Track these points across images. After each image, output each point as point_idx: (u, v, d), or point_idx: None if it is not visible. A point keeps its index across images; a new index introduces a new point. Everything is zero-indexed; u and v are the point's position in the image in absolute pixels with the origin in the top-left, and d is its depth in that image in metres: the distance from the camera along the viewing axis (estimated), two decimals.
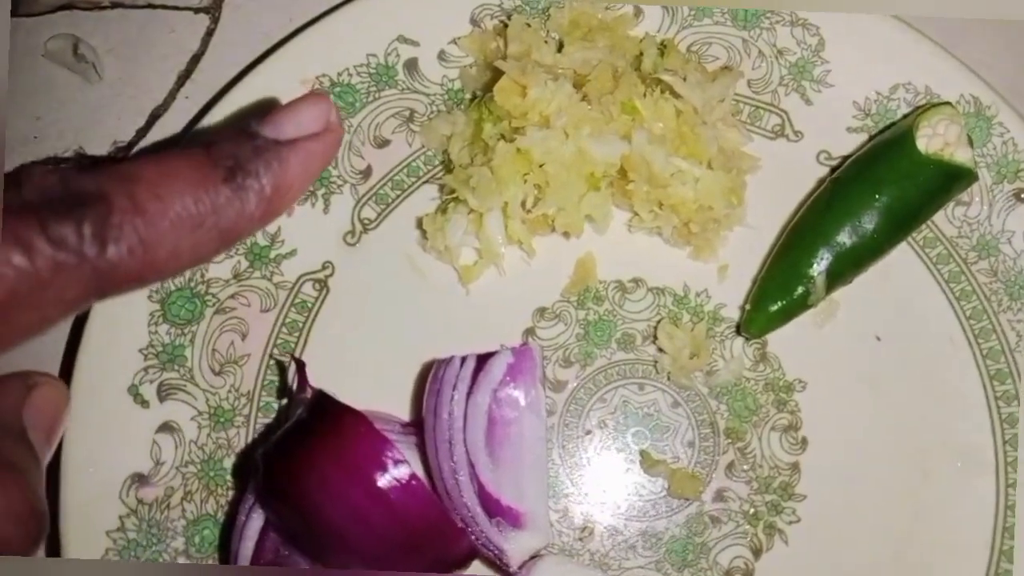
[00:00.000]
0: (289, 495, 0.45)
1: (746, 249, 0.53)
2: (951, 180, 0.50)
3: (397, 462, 0.43)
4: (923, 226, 0.52)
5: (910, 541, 0.49)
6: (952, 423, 0.50)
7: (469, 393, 0.46)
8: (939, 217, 0.52)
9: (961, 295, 0.52)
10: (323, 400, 0.45)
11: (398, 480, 0.43)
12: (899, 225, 0.50)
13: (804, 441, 0.50)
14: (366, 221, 0.53)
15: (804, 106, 0.54)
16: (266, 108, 0.36)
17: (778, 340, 0.51)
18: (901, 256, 0.52)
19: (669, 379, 0.51)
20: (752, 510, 0.49)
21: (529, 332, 0.52)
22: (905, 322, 0.52)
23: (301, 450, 0.45)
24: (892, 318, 0.52)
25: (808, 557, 0.49)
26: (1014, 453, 0.49)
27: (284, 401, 0.50)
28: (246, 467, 0.49)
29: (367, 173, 0.53)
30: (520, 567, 0.46)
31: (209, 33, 0.59)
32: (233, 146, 0.31)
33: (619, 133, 0.50)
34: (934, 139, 0.49)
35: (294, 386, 0.47)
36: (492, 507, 0.45)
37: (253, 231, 0.32)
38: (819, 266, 0.49)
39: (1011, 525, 0.48)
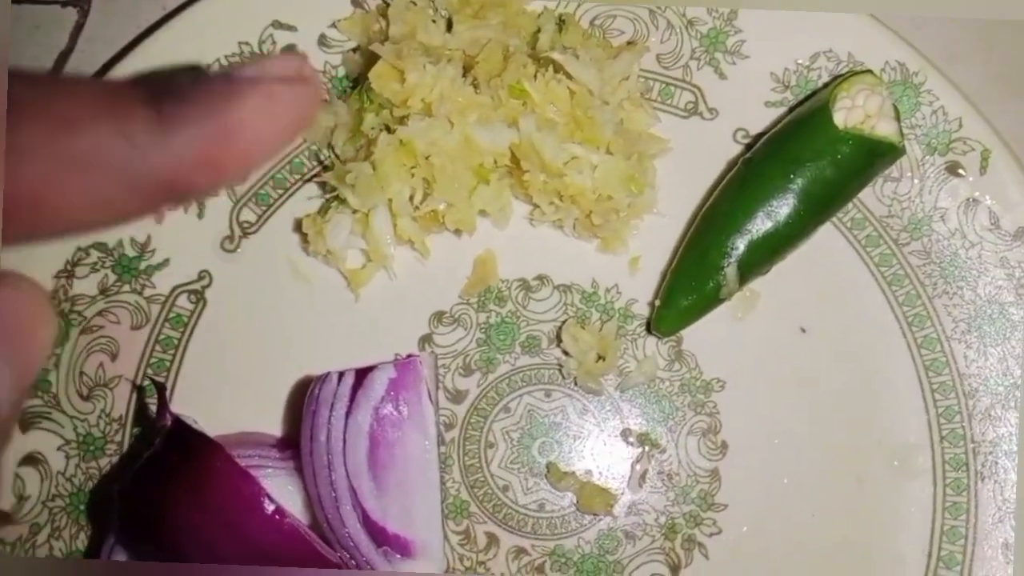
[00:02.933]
0: (149, 536, 0.41)
1: (659, 239, 0.48)
2: (874, 156, 0.45)
3: (260, 499, 0.39)
4: (849, 206, 0.48)
5: (843, 551, 0.45)
6: (886, 420, 0.46)
7: (348, 413, 0.42)
8: (867, 195, 0.48)
9: (893, 280, 0.47)
10: (181, 429, 0.41)
11: (263, 519, 0.39)
12: (818, 208, 0.46)
13: (724, 445, 0.46)
14: (245, 225, 0.49)
15: (718, 81, 0.50)
16: None
17: (694, 337, 0.47)
18: (827, 240, 0.48)
19: (576, 384, 0.47)
20: (669, 523, 0.45)
21: (425, 339, 0.48)
22: (832, 312, 0.48)
23: (159, 486, 0.41)
24: (818, 308, 0.48)
25: (732, 572, 0.45)
26: (952, 450, 0.45)
27: (138, 430, 0.45)
28: (103, 502, 0.45)
29: None
30: None
31: (78, 28, 0.54)
32: (169, 76, 0.24)
33: (508, 119, 0.46)
34: (853, 111, 0.45)
35: (153, 412, 0.43)
36: (378, 536, 0.42)
37: (197, 186, 0.24)
38: (731, 256, 0.45)
39: (949, 529, 0.45)
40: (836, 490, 0.46)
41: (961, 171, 0.47)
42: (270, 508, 0.39)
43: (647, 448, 0.46)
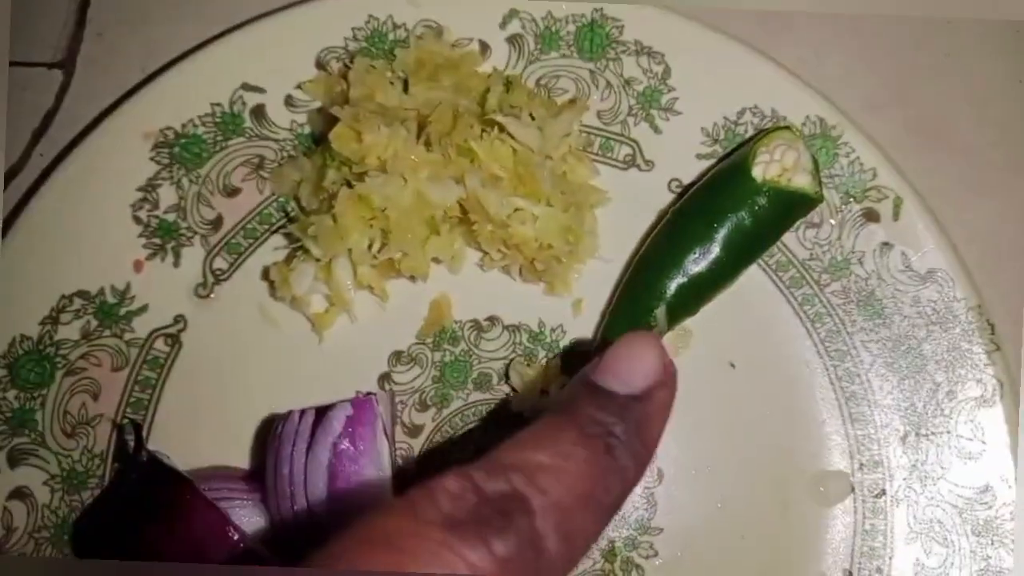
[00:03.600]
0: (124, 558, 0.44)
1: (600, 282, 0.52)
2: (791, 206, 0.50)
3: (226, 528, 0.43)
4: (774, 250, 0.52)
5: (771, 570, 0.49)
6: (810, 448, 0.50)
7: (308, 448, 0.46)
8: (791, 240, 0.52)
9: (815, 317, 0.51)
10: (155, 465, 0.44)
11: (228, 546, 0.43)
12: (741, 254, 0.50)
13: (660, 473, 0.50)
14: (218, 272, 0.53)
15: (653, 135, 0.54)
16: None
17: None
18: (753, 281, 0.52)
19: (524, 418, 0.50)
20: (609, 546, 0.49)
21: (385, 377, 0.52)
22: (760, 347, 0.51)
23: (135, 517, 0.44)
24: (746, 344, 0.51)
25: None
26: (870, 476, 0.49)
27: (116, 465, 0.49)
28: (85, 533, 0.48)
29: (217, 223, 0.53)
30: None
31: (63, 89, 0.58)
32: (595, 411, 0.32)
33: (456, 176, 0.50)
34: (771, 165, 0.49)
35: (131, 448, 0.47)
36: None
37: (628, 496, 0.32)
38: (661, 299, 0.49)
39: (868, 549, 0.48)
40: (764, 514, 0.49)
41: (876, 217, 0.51)
42: (235, 537, 0.43)
43: None
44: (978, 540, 0.47)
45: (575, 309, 0.52)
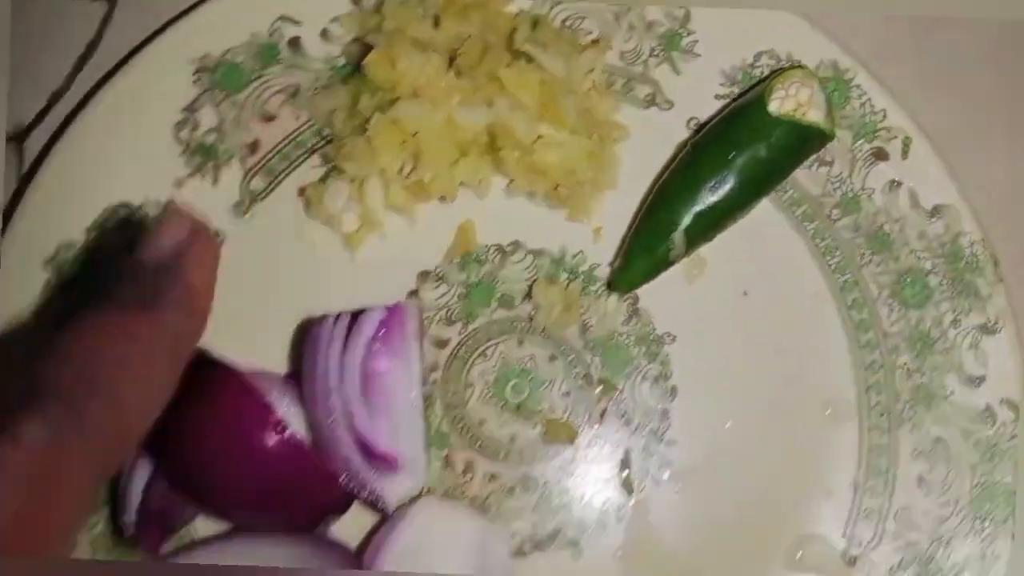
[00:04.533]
0: (168, 448, 0.46)
1: (619, 211, 0.55)
2: (804, 139, 0.52)
3: (273, 419, 0.45)
4: (788, 187, 0.54)
5: (779, 485, 0.51)
6: (818, 372, 0.52)
7: (344, 349, 0.48)
8: (804, 177, 0.54)
9: (826, 250, 0.54)
10: (202, 358, 0.46)
11: (274, 437, 0.45)
12: (756, 184, 0.52)
13: (674, 390, 0.52)
14: (255, 192, 0.55)
15: (674, 76, 0.56)
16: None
17: (650, 296, 0.54)
18: (768, 215, 0.54)
19: (544, 333, 0.53)
20: (625, 456, 0.51)
21: (413, 294, 0.54)
22: (772, 278, 0.54)
23: (179, 406, 0.46)
24: (759, 274, 0.54)
25: (679, 499, 0.51)
26: (876, 399, 0.51)
27: None
28: None
29: (255, 147, 0.55)
30: (398, 508, 0.47)
31: (105, 20, 0.61)
32: (134, 287, 0.37)
33: (485, 102, 0.52)
34: (787, 100, 0.52)
35: None
36: (368, 454, 0.47)
37: (196, 334, 0.39)
38: (679, 224, 0.51)
39: (873, 465, 0.50)
40: (774, 433, 0.52)
41: (885, 156, 0.54)
42: (278, 422, 0.45)
43: (606, 391, 0.52)
44: (979, 457, 0.49)
45: (595, 236, 0.55)
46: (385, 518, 0.48)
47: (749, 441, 0.51)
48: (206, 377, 0.46)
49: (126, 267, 0.38)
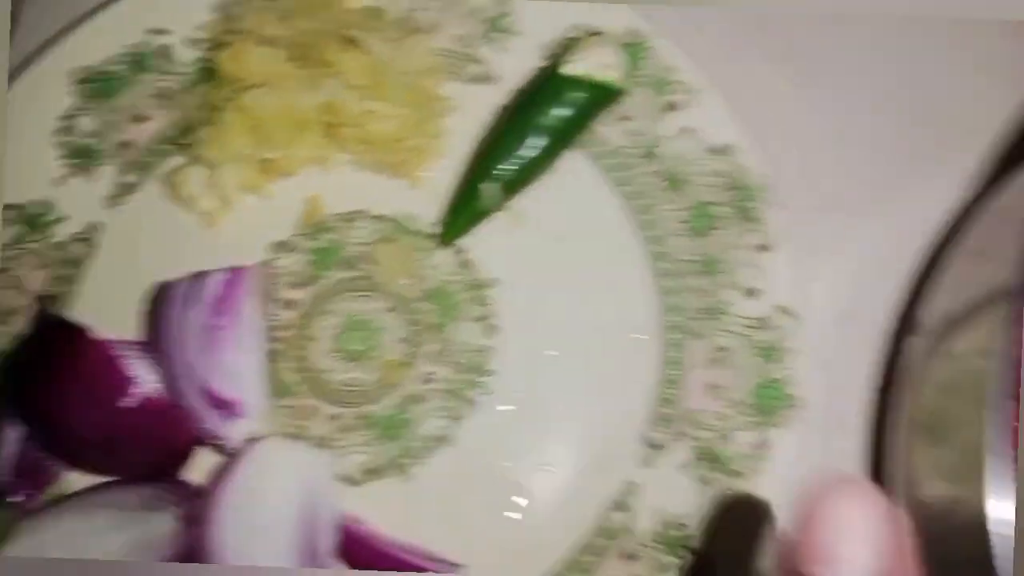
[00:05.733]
0: (38, 411, 0.54)
1: (449, 177, 0.61)
2: (598, 96, 0.59)
3: (128, 377, 0.53)
4: (596, 139, 0.61)
5: (590, 401, 0.57)
6: (624, 300, 0.58)
7: (189, 306, 0.55)
8: (610, 131, 0.61)
9: (630, 195, 0.60)
10: (67, 327, 0.54)
11: (131, 393, 0.53)
12: (558, 138, 0.59)
13: (495, 327, 0.59)
14: (128, 185, 0.62)
15: (499, 53, 0.63)
16: None
17: (477, 247, 0.60)
18: (580, 167, 0.61)
19: (382, 289, 0.60)
20: (451, 388, 0.58)
21: (266, 264, 0.61)
22: (584, 223, 0.60)
23: (46, 373, 0.54)
24: (573, 220, 0.60)
25: (502, 421, 0.57)
26: (672, 319, 0.57)
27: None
28: None
29: (128, 145, 0.63)
30: (241, 448, 0.54)
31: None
32: None
33: (321, 85, 0.59)
34: (582, 63, 0.58)
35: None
36: (213, 401, 0.54)
37: None
38: (492, 178, 0.58)
39: (668, 377, 0.56)
40: (587, 357, 0.58)
41: (678, 107, 0.60)
42: (131, 378, 0.52)
43: (437, 333, 0.59)
44: (759, 360, 0.55)
45: (429, 199, 0.61)
46: (230, 458, 0.54)
47: (564, 367, 0.58)
48: (70, 344, 0.53)
49: None
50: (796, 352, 0.55)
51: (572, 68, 0.58)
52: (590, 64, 0.58)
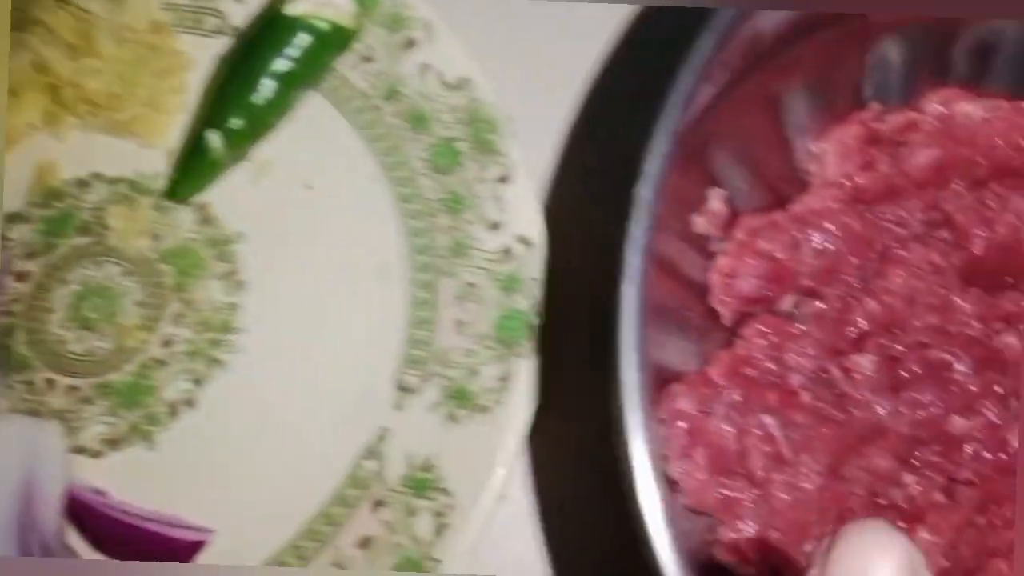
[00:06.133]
0: None
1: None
2: (326, 38, 0.57)
3: None
4: (337, 83, 0.59)
5: (342, 345, 0.55)
6: (374, 244, 0.57)
7: None
8: (352, 74, 0.59)
9: (375, 137, 0.59)
10: None
11: None
12: (288, 82, 0.57)
13: (241, 283, 0.56)
14: None
15: (237, 5, 0.61)
16: None
17: (219, 201, 0.58)
18: (325, 112, 0.59)
19: (119, 253, 0.57)
20: (195, 349, 0.55)
21: (4, 238, 0.57)
22: (331, 169, 0.58)
23: None
24: (320, 167, 0.58)
25: (249, 380, 0.55)
26: (420, 259, 0.56)
27: None
28: None
29: None
30: None
31: None
32: None
33: (27, 45, 0.56)
34: (304, 2, 0.56)
35: None
36: None
37: None
38: (217, 129, 0.56)
39: (419, 319, 0.55)
40: (338, 307, 0.56)
41: (415, 44, 0.59)
42: None
43: (178, 294, 0.56)
44: (502, 292, 0.54)
45: (168, 157, 0.59)
46: None
47: (315, 319, 0.56)
48: None
49: None
50: (536, 281, 0.54)
51: (294, 8, 0.56)
52: (313, 3, 0.56)
